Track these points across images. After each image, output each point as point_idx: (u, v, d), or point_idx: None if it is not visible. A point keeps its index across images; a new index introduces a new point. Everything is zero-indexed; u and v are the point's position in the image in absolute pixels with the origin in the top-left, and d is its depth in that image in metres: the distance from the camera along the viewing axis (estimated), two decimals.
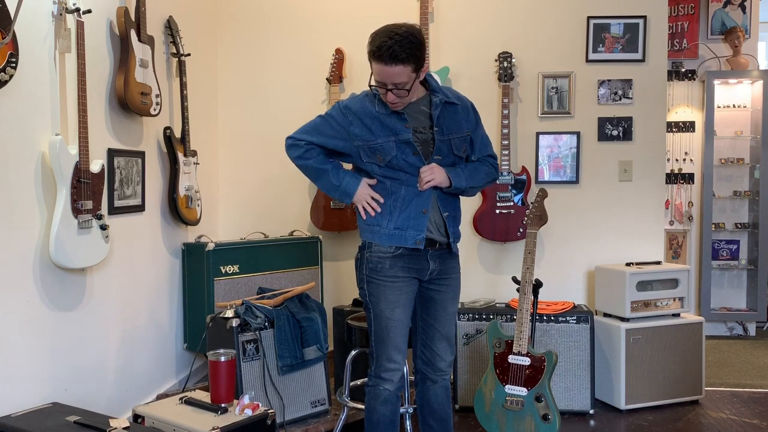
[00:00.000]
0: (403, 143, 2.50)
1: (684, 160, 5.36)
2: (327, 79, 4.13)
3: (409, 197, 2.52)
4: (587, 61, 4.06)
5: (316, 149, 2.58)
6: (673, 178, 5.33)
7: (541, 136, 4.08)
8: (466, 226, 4.04)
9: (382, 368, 2.58)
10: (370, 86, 2.50)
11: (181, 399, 2.64)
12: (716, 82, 5.21)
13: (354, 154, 2.56)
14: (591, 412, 3.58)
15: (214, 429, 2.34)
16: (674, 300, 3.79)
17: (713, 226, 5.30)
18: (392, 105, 2.48)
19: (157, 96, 3.18)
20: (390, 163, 2.51)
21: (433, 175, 2.49)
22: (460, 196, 2.67)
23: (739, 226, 5.37)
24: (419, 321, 2.69)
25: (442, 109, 2.56)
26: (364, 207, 2.54)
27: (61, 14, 2.54)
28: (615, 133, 4.07)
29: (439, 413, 2.71)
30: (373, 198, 2.53)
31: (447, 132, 2.56)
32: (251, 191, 4.31)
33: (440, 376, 2.68)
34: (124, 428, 2.25)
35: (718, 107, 5.26)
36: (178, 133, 3.57)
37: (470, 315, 3.63)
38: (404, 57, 2.36)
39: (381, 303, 2.54)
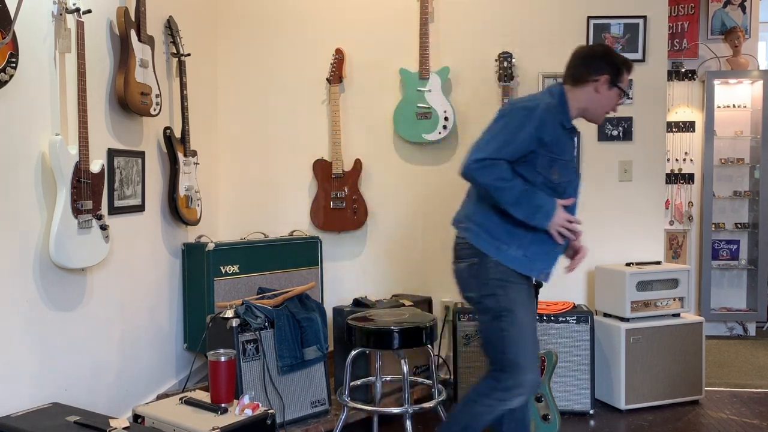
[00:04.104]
0: (574, 170, 2.51)
1: (684, 160, 5.36)
2: (327, 79, 4.13)
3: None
4: None
5: (511, 167, 2.40)
6: (673, 178, 5.33)
7: None
8: None
9: (522, 382, 2.38)
10: (625, 95, 2.58)
11: (181, 399, 2.64)
12: (716, 82, 5.21)
13: (530, 156, 2.40)
14: (591, 412, 3.58)
15: (214, 429, 2.34)
16: (674, 300, 3.79)
17: (713, 226, 5.30)
18: (612, 112, 2.59)
19: (157, 96, 3.18)
20: (559, 185, 2.44)
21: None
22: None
23: (739, 226, 5.37)
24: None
25: None
26: (560, 232, 2.41)
27: (61, 14, 2.54)
28: (615, 133, 4.07)
29: None
30: (571, 221, 2.42)
31: None
32: (251, 191, 4.31)
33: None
34: (124, 428, 2.25)
35: (718, 107, 5.26)
36: (178, 133, 3.56)
37: (470, 315, 3.63)
38: None
39: (520, 309, 2.42)
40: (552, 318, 3.58)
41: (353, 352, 3.01)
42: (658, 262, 3.93)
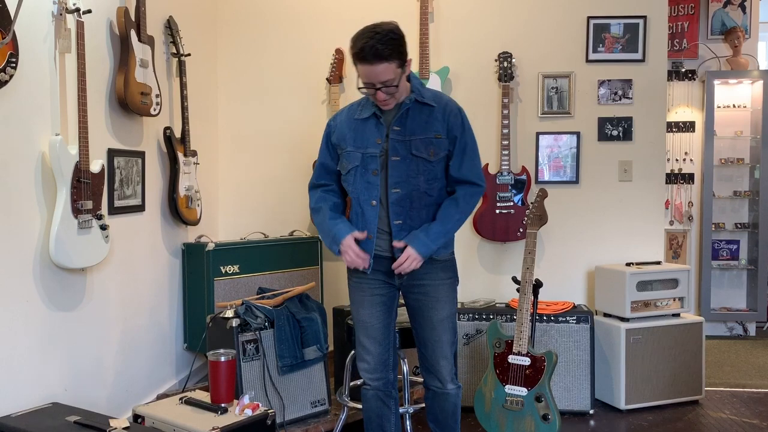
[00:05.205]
0: (369, 157, 2.49)
1: (684, 160, 5.36)
2: (327, 79, 4.13)
3: (362, 216, 2.53)
4: (587, 61, 4.06)
5: (333, 190, 2.67)
6: (673, 178, 5.33)
7: (541, 136, 4.08)
8: (466, 226, 4.04)
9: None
10: (359, 88, 2.48)
11: (181, 399, 2.64)
12: (716, 82, 5.21)
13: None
14: (591, 412, 3.58)
15: (214, 429, 2.34)
16: (674, 300, 3.79)
17: (713, 226, 5.30)
18: (384, 103, 2.46)
19: (157, 96, 3.18)
20: (348, 174, 2.54)
21: (410, 264, 2.47)
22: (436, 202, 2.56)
23: (739, 226, 5.37)
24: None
25: (410, 108, 2.50)
26: (345, 254, 2.53)
27: (61, 14, 2.54)
28: (615, 133, 4.07)
29: (438, 417, 2.69)
30: (357, 254, 2.51)
31: (409, 133, 2.48)
32: (251, 191, 4.31)
33: (438, 388, 2.65)
34: (124, 428, 2.25)
35: (718, 107, 5.27)
36: (178, 133, 3.56)
37: (470, 315, 3.63)
38: (387, 54, 2.36)
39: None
40: (552, 318, 3.58)
41: (353, 352, 3.01)
42: (658, 262, 3.93)
